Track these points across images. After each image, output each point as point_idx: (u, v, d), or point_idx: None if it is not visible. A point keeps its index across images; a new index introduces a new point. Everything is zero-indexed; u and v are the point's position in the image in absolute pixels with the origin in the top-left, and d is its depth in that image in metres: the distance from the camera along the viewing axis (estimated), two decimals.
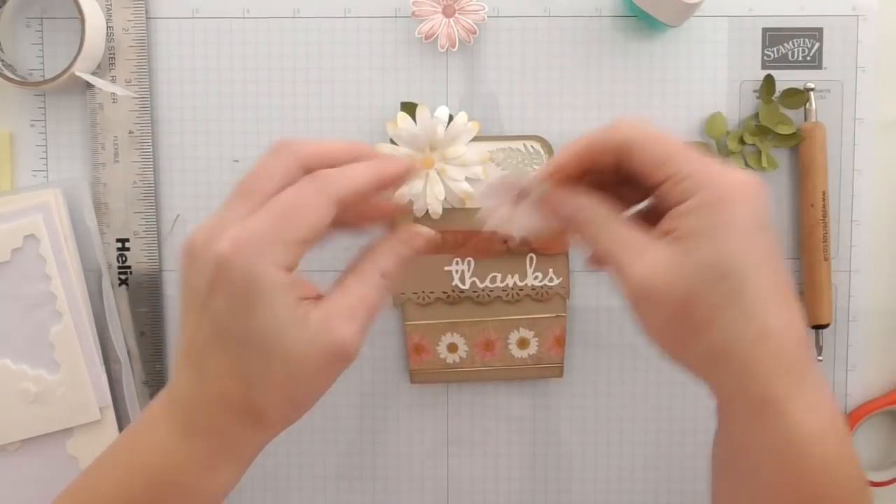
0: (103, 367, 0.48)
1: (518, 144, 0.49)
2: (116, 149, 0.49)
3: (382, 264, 0.34)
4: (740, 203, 0.31)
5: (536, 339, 0.50)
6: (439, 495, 0.51)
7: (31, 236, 0.47)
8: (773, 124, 0.49)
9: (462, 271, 0.49)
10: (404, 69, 0.50)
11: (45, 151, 0.50)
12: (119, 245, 0.49)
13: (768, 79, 0.49)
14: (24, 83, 0.47)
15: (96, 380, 0.47)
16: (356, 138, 0.49)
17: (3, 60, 0.48)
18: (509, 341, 0.50)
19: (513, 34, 0.49)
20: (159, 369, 0.50)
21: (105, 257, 0.49)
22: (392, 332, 0.51)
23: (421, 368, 0.50)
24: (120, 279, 0.49)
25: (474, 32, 0.48)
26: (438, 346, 0.50)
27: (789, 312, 0.32)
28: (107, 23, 0.48)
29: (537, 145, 0.49)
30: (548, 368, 0.50)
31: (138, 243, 0.49)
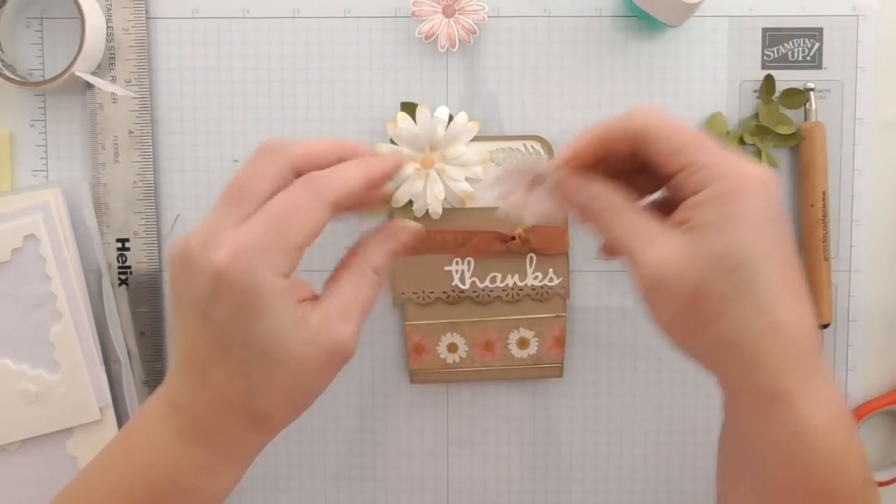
0: (103, 367, 0.48)
1: (518, 144, 0.49)
2: (116, 149, 0.49)
3: (374, 260, 0.35)
4: (754, 195, 0.31)
5: (536, 339, 0.50)
6: (439, 495, 0.51)
7: (31, 236, 0.47)
8: (773, 124, 0.49)
9: (462, 271, 0.49)
10: (404, 69, 0.50)
11: (45, 151, 0.50)
12: (119, 245, 0.49)
13: (768, 79, 0.49)
14: (24, 83, 0.47)
15: (96, 380, 0.47)
16: (356, 138, 0.49)
17: (3, 60, 0.48)
18: (509, 341, 0.50)
19: (513, 34, 0.49)
20: (159, 369, 0.50)
21: (105, 257, 0.49)
22: (392, 332, 0.51)
23: (421, 368, 0.50)
24: (120, 279, 0.49)
25: (474, 32, 0.48)
26: (438, 346, 0.50)
27: (800, 306, 0.32)
28: (107, 23, 0.48)
29: (537, 145, 0.49)
30: (548, 368, 0.50)
31: (138, 243, 0.49)
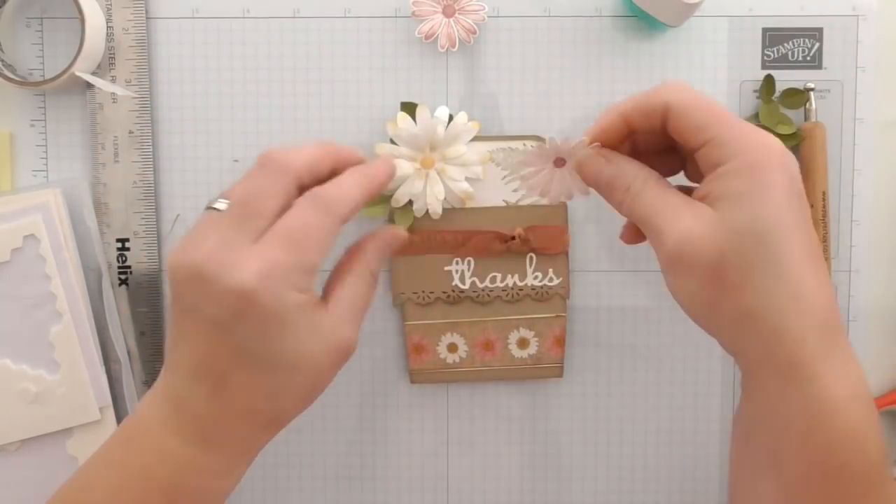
0: (103, 367, 0.48)
1: (518, 144, 0.49)
2: (116, 149, 0.49)
3: (372, 263, 0.38)
4: (779, 169, 0.31)
5: (536, 338, 0.50)
6: (439, 495, 0.51)
7: (31, 236, 0.47)
8: (773, 124, 0.49)
9: (462, 271, 0.49)
10: (404, 69, 0.50)
11: (45, 151, 0.50)
12: (119, 245, 0.49)
13: (768, 79, 0.49)
14: (24, 83, 0.47)
15: (96, 380, 0.47)
16: (356, 138, 0.49)
17: (3, 60, 0.48)
18: (509, 341, 0.50)
19: (513, 34, 0.49)
20: (159, 369, 0.49)
21: (105, 257, 0.49)
22: (392, 332, 0.51)
23: (421, 368, 0.50)
24: (120, 279, 0.49)
25: (474, 32, 0.48)
26: (438, 346, 0.50)
27: (821, 279, 0.32)
28: (107, 23, 0.48)
29: (537, 145, 0.49)
30: (548, 368, 0.50)
31: (138, 243, 0.49)
